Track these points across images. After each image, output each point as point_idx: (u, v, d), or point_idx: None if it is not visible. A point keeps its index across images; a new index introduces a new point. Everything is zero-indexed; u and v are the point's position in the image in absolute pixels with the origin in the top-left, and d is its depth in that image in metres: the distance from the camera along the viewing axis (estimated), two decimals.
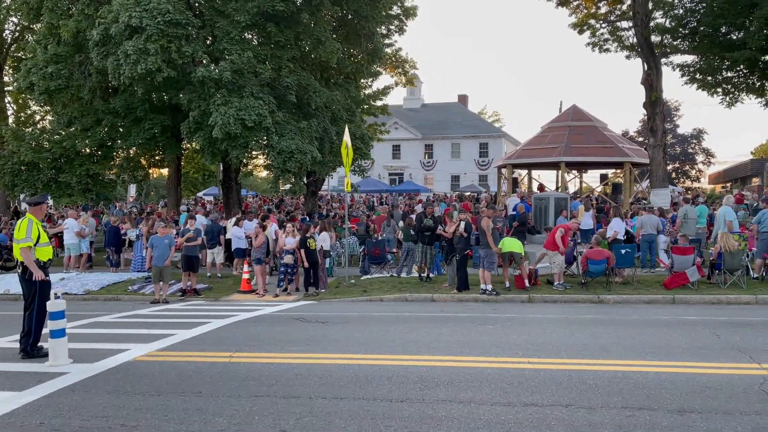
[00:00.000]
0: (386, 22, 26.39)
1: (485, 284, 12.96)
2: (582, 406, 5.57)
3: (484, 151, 58.88)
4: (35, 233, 8.12)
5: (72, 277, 16.58)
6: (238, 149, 17.70)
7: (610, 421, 5.18)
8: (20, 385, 6.60)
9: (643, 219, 15.61)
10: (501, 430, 5.01)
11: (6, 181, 21.03)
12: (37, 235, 8.15)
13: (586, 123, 25.39)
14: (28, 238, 8.07)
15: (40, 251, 8.20)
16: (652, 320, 10.13)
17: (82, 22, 18.71)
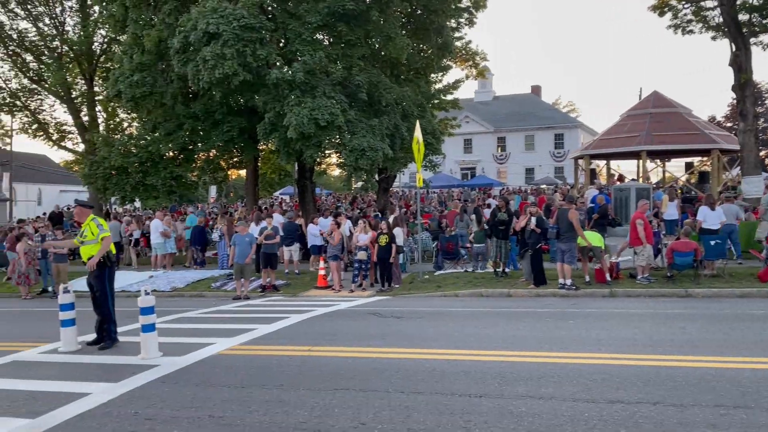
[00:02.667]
0: (455, 15, 26.14)
1: (564, 279, 12.62)
2: (671, 404, 5.32)
3: (560, 143, 57.35)
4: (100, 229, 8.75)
5: (159, 275, 17.42)
6: (311, 149, 18.02)
7: (703, 419, 4.93)
8: (116, 377, 6.99)
9: (723, 208, 14.73)
10: (585, 427, 4.87)
11: (98, 185, 22.30)
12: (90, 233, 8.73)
13: (668, 109, 24.23)
14: (104, 230, 8.70)
15: (84, 249, 8.77)
16: (746, 315, 9.56)
17: (163, 32, 19.57)
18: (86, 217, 8.90)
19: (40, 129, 33.46)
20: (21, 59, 31.22)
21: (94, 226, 8.75)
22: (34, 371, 7.59)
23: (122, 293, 14.47)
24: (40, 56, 31.02)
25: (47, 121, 34.22)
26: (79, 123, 31.61)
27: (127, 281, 16.21)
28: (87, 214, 8.94)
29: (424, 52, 25.39)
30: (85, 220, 8.85)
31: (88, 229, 8.73)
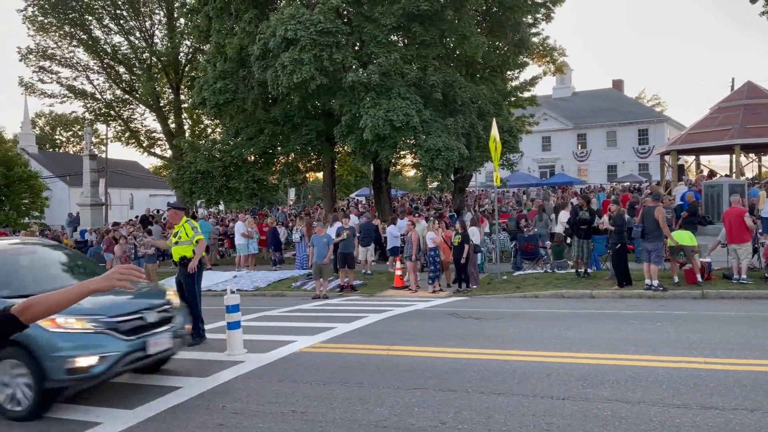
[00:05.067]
0: (532, 11, 25.58)
1: (651, 279, 12.09)
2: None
3: (644, 138, 54.97)
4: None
5: (243, 275, 18.05)
6: (387, 150, 18.14)
7: None
8: (204, 372, 7.31)
9: None
10: None
11: (185, 188, 23.36)
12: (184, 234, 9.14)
13: (764, 100, 22.76)
14: (199, 232, 9.12)
15: (177, 249, 9.18)
16: None
17: (244, 39, 20.26)
18: (180, 219, 9.30)
19: (132, 137, 35.50)
20: (114, 71, 33.22)
21: (189, 228, 9.15)
22: None
23: (208, 292, 15.09)
24: (131, 68, 32.89)
25: (138, 129, 36.29)
26: (167, 130, 33.28)
27: (212, 281, 16.89)
28: (180, 216, 9.35)
29: (500, 50, 25.00)
30: (179, 222, 9.26)
31: (182, 231, 9.13)
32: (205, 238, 10.14)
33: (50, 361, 5.77)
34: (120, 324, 6.22)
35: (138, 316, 6.47)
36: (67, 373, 5.80)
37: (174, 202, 11.46)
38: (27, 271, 6.93)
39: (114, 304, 6.44)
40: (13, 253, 7.32)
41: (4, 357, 5.99)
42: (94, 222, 28.23)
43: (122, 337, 6.17)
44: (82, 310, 5.99)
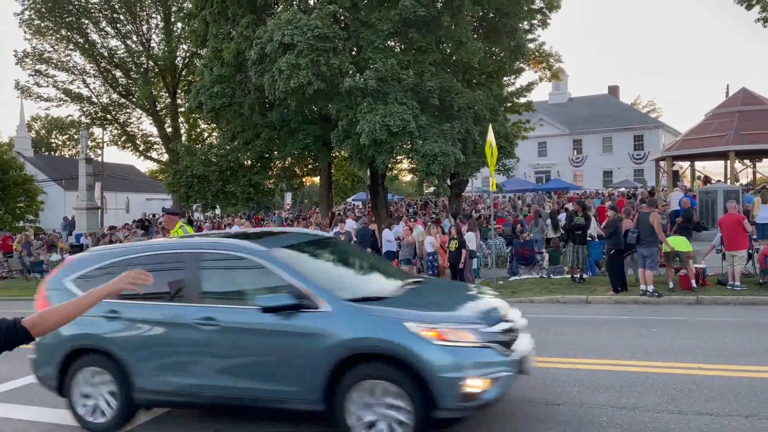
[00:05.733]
0: (528, 17, 25.69)
1: (646, 285, 12.13)
2: (766, 417, 5.02)
3: (639, 144, 55.20)
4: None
5: None
6: (383, 155, 18.17)
7: None
8: None
9: None
10: None
11: (182, 193, 23.32)
12: None
13: (758, 107, 22.88)
14: None
15: None
16: None
17: (241, 44, 20.29)
18: (174, 224, 9.26)
19: (129, 140, 35.45)
20: (111, 75, 33.20)
21: (182, 233, 9.07)
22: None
23: None
24: (128, 72, 32.88)
25: (135, 133, 36.23)
26: (164, 134, 33.26)
27: None
28: (175, 221, 9.31)
29: (497, 56, 25.10)
30: (174, 227, 9.24)
31: (176, 236, 9.08)
32: None
33: (441, 385, 4.54)
34: (499, 335, 4.97)
35: (509, 327, 5.19)
36: (461, 400, 4.58)
37: (169, 207, 11.42)
38: (344, 269, 6.34)
39: (480, 308, 5.37)
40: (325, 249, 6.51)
41: (371, 377, 4.77)
42: (89, 226, 28.14)
43: (504, 351, 4.89)
44: (460, 318, 5.02)
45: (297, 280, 5.15)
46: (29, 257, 23.37)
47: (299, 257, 5.77)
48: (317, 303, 4.95)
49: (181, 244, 6.09)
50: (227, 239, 6.01)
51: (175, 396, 5.46)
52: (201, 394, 5.30)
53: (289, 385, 4.97)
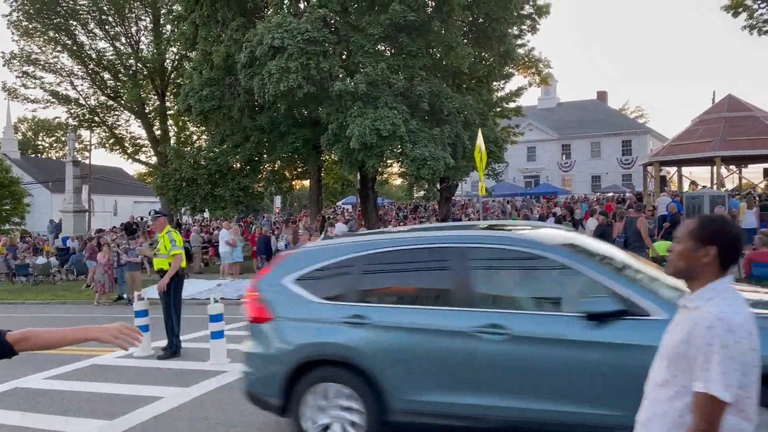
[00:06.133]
0: (518, 22, 25.87)
1: None
2: None
3: (627, 149, 55.62)
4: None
5: (227, 284, 17.93)
6: (373, 159, 18.19)
7: None
8: (187, 381, 7.25)
9: None
10: None
11: (170, 196, 23.20)
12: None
13: (744, 113, 23.14)
14: (177, 246, 8.92)
15: (156, 261, 9.11)
16: None
17: (231, 47, 20.25)
18: (162, 227, 9.11)
19: (117, 143, 35.21)
20: (99, 77, 32.98)
21: (168, 240, 8.88)
22: (111, 375, 7.96)
23: (191, 301, 14.97)
24: (116, 74, 32.67)
25: (123, 136, 35.98)
26: (152, 137, 33.06)
27: (196, 289, 16.76)
28: (164, 225, 9.15)
29: (486, 61, 25.22)
30: (162, 231, 9.07)
31: (162, 242, 8.95)
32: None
33: None
34: None
35: None
36: None
37: (159, 208, 11.29)
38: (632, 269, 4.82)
39: None
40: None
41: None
42: (76, 229, 27.92)
43: None
44: None
45: (616, 282, 4.27)
46: (15, 260, 23.16)
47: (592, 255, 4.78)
48: (647, 309, 4.09)
49: (443, 237, 5.12)
50: (515, 232, 5.06)
51: (446, 419, 4.50)
52: (485, 417, 4.40)
53: (613, 409, 4.01)
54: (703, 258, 2.13)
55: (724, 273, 2.14)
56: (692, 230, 2.18)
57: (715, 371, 1.95)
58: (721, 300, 2.07)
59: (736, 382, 1.95)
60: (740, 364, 1.95)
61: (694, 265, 2.15)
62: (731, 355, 1.94)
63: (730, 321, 1.98)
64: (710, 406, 1.96)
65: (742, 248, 2.16)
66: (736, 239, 2.15)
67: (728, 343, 1.95)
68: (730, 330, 1.96)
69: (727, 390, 1.94)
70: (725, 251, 2.12)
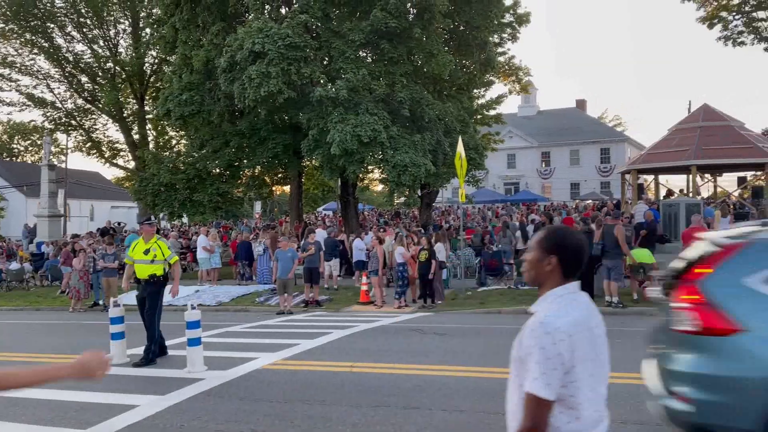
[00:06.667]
0: (498, 30, 26.12)
1: (611, 296, 12.32)
2: None
3: (606, 157, 56.29)
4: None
5: (205, 290, 17.75)
6: (354, 165, 18.18)
7: None
8: (162, 389, 7.14)
9: None
10: None
11: (148, 201, 22.96)
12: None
13: (719, 123, 23.50)
14: (174, 253, 9.02)
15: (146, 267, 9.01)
16: None
17: (211, 52, 20.14)
18: (152, 235, 9.13)
19: (94, 147, 34.78)
20: (76, 80, 32.58)
21: (165, 247, 9.02)
22: (84, 383, 7.80)
23: (169, 307, 14.76)
24: (94, 77, 32.31)
25: (100, 140, 35.57)
26: (130, 141, 32.72)
27: None
28: (153, 233, 9.19)
29: (467, 68, 25.40)
30: (151, 239, 9.06)
31: (158, 249, 8.91)
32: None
33: None
34: None
35: None
36: None
37: (146, 217, 11.35)
38: None
39: None
40: None
41: None
42: (51, 234, 27.43)
43: None
44: None
45: None
46: None
47: None
48: None
49: None
50: None
51: None
52: None
53: None
54: (546, 266, 2.27)
55: (568, 280, 2.27)
56: (538, 240, 2.33)
57: (535, 371, 2.08)
58: (553, 305, 2.21)
59: (556, 382, 2.07)
60: (560, 365, 2.07)
61: (540, 272, 2.30)
62: (548, 356, 2.06)
63: (549, 324, 2.11)
64: (533, 404, 2.09)
65: (583, 257, 2.29)
66: (575, 249, 2.27)
67: (545, 345, 2.08)
68: (548, 333, 2.09)
69: (547, 389, 2.06)
70: (565, 260, 2.26)
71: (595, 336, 2.24)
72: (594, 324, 2.26)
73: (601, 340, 2.28)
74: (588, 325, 2.21)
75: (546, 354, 2.07)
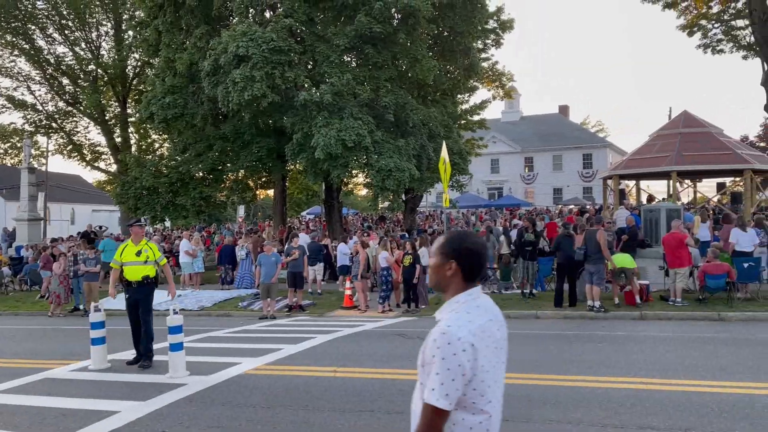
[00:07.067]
0: (482, 36, 26.31)
1: (593, 301, 12.43)
2: (703, 431, 5.19)
3: (588, 163, 56.83)
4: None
5: (187, 294, 17.61)
6: (338, 169, 18.17)
7: None
8: (144, 395, 7.07)
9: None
10: None
11: (130, 204, 22.75)
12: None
13: (698, 129, 23.85)
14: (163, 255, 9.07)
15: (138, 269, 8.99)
16: None
17: (194, 55, 20.03)
18: (141, 237, 9.20)
19: (75, 150, 34.39)
20: (58, 82, 32.24)
21: (156, 248, 9.10)
22: (64, 389, 7.72)
23: None
24: (76, 80, 31.99)
25: (81, 143, 35.18)
26: (112, 144, 32.41)
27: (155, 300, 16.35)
28: (142, 235, 9.32)
29: (451, 74, 25.53)
30: (141, 241, 9.09)
31: (150, 251, 8.97)
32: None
33: None
34: None
35: None
36: None
37: (135, 219, 11.37)
38: None
39: None
40: None
41: None
42: (31, 238, 27.05)
43: None
44: None
45: None
46: None
47: None
48: None
49: None
50: None
51: None
52: None
53: None
54: (447, 271, 2.30)
55: (470, 285, 2.31)
56: (438, 246, 2.36)
57: (434, 381, 2.09)
58: (456, 313, 2.22)
59: (455, 392, 2.09)
60: (460, 375, 2.08)
61: (441, 278, 2.33)
62: (449, 366, 2.07)
63: (451, 335, 2.11)
64: (430, 413, 2.10)
65: (483, 262, 2.32)
66: (473, 254, 2.30)
67: (446, 355, 2.08)
68: (449, 343, 2.10)
69: (445, 399, 2.08)
70: (465, 265, 2.28)
71: (497, 340, 2.26)
72: (496, 328, 2.27)
73: (503, 344, 2.30)
74: (491, 331, 2.23)
75: (446, 365, 2.08)
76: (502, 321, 2.36)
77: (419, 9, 18.41)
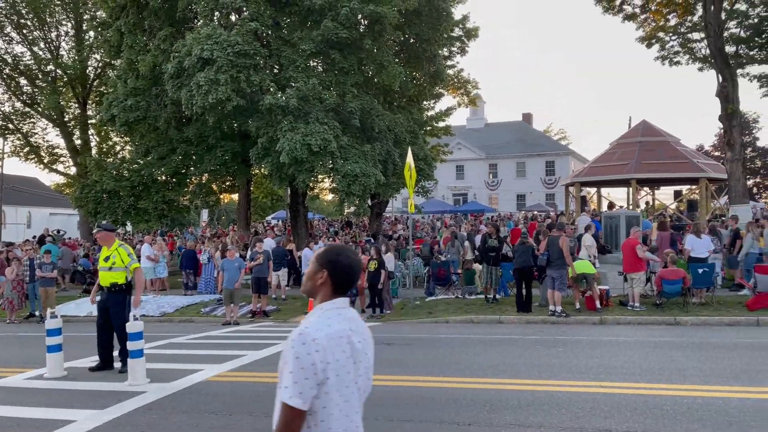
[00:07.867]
0: (448, 44, 26.56)
1: (555, 306, 12.65)
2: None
3: (551, 170, 57.83)
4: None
5: (149, 300, 17.28)
6: (304, 173, 18.10)
7: None
8: (102, 403, 6.92)
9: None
10: None
11: (90, 208, 22.23)
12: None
13: (657, 138, 24.56)
14: (135, 259, 8.79)
15: (109, 275, 8.75)
16: (734, 343, 9.60)
17: (158, 57, 19.74)
18: (112, 242, 8.81)
19: (32, 152, 33.43)
20: (15, 83, 31.34)
21: (125, 254, 8.67)
22: (19, 397, 7.50)
23: None
24: (34, 80, 31.15)
25: (39, 144, 34.21)
26: (72, 146, 31.63)
27: None
28: (113, 239, 8.86)
29: (417, 80, 25.70)
30: (112, 245, 8.75)
31: (117, 256, 8.62)
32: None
33: None
34: None
35: None
36: None
37: (104, 223, 10.95)
38: None
39: None
40: None
41: None
42: None
43: None
44: None
45: None
46: None
47: None
48: None
49: None
50: None
51: None
52: None
53: None
54: (319, 279, 2.38)
55: (338, 295, 2.38)
56: (316, 255, 2.45)
57: (288, 380, 2.15)
58: (318, 318, 2.30)
59: (309, 391, 2.14)
60: (312, 375, 2.14)
61: (313, 285, 2.41)
62: (302, 365, 2.14)
63: (306, 335, 2.18)
64: (285, 412, 2.15)
65: (354, 276, 2.40)
66: (346, 267, 2.38)
67: (300, 354, 2.15)
68: (304, 343, 2.16)
69: (299, 398, 2.13)
70: (336, 276, 2.37)
71: (356, 350, 2.30)
72: (357, 339, 2.32)
73: (363, 355, 2.34)
74: (348, 338, 2.27)
75: (300, 363, 2.13)
76: (366, 335, 2.40)
77: (385, 16, 18.51)
